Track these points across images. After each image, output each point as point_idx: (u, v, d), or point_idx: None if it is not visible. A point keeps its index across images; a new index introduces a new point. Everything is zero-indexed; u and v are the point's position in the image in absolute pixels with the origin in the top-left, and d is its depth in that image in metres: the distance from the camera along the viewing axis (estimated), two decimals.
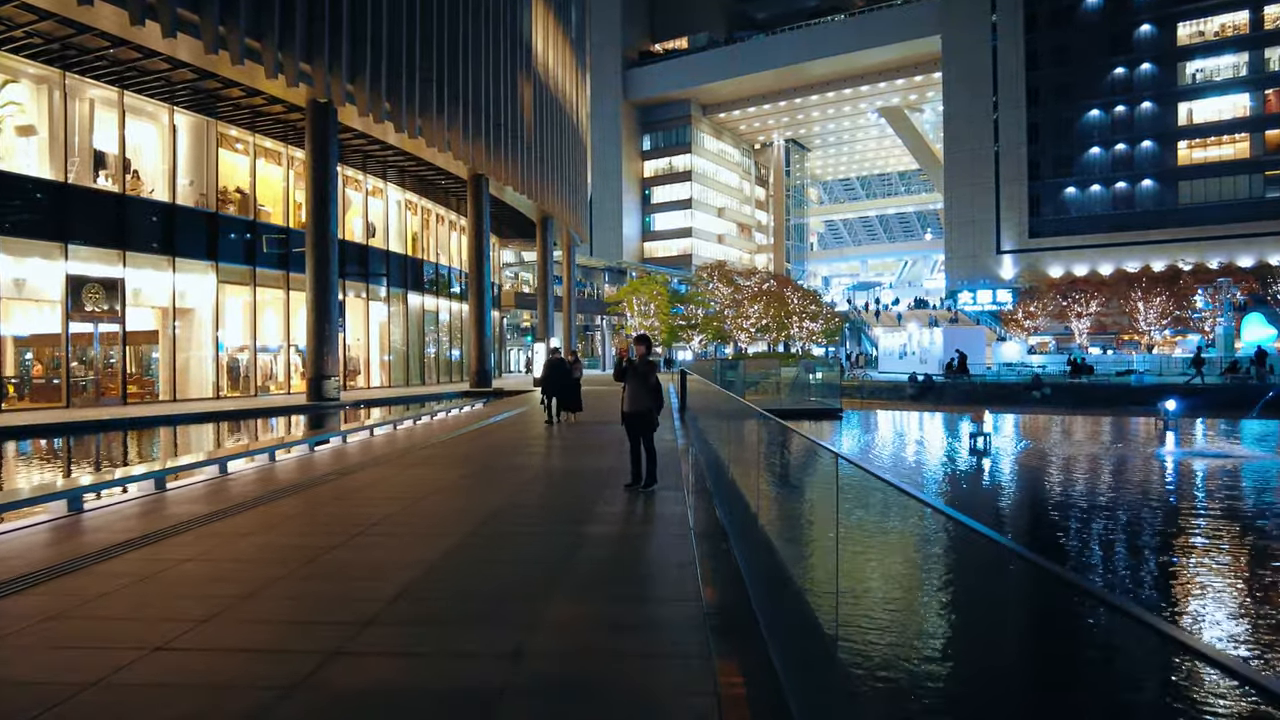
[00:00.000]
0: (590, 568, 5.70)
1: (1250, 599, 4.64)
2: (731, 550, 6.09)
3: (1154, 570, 5.34)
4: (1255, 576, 5.20)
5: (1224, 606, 4.52)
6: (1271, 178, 64.21)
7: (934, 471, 10.52)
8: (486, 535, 6.77)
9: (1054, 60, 69.81)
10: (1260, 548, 5.99)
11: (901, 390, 35.90)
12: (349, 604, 4.86)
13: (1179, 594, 4.83)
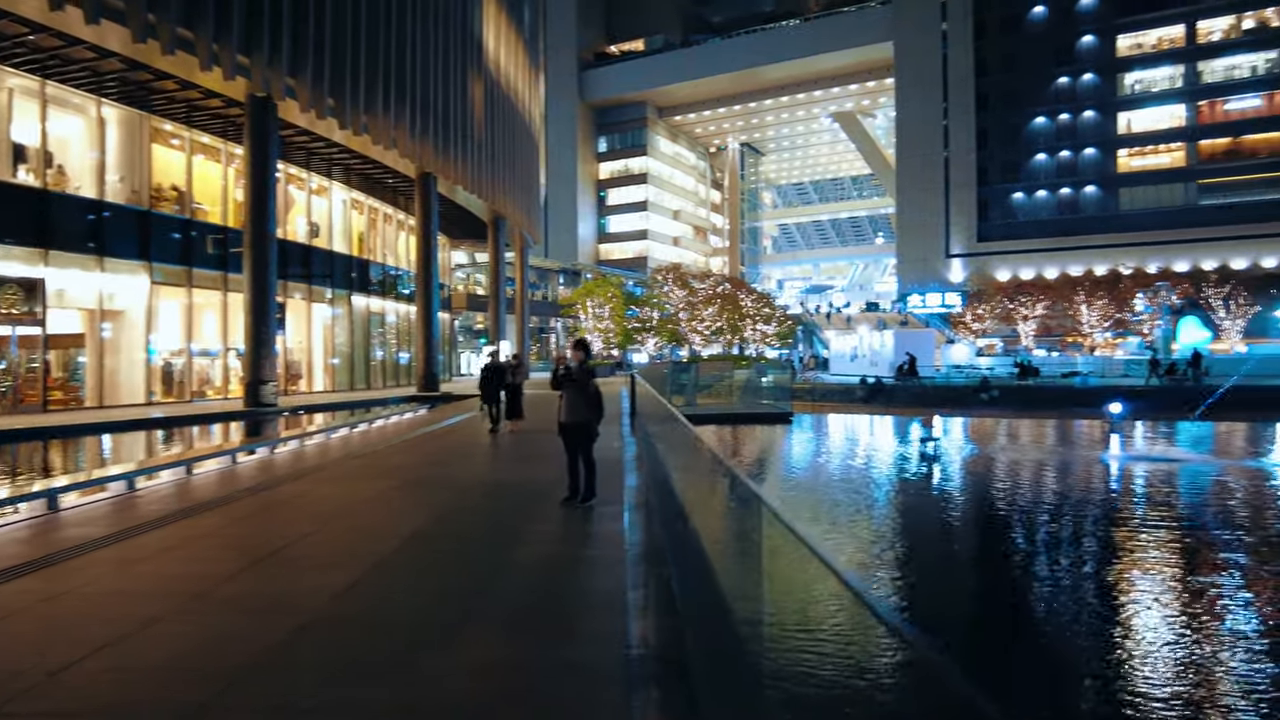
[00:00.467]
0: (509, 600, 5.24)
1: (1182, 602, 4.48)
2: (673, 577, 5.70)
3: (1091, 577, 5.16)
4: (1189, 581, 5.05)
5: (1160, 614, 4.35)
6: (1204, 186, 66.38)
7: (884, 478, 10.31)
8: (401, 561, 6.26)
9: (1002, 68, 71.24)
10: (1196, 551, 5.86)
11: (852, 393, 36.07)
12: (225, 651, 4.32)
13: (1116, 598, 4.65)
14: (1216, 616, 4.53)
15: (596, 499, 8.34)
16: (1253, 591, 5.00)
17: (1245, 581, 5.33)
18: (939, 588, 5.39)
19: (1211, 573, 5.42)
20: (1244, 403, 23.35)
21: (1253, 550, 6.01)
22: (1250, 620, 4.56)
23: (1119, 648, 3.96)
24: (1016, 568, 5.33)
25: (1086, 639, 4.10)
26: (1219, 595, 4.98)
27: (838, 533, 6.79)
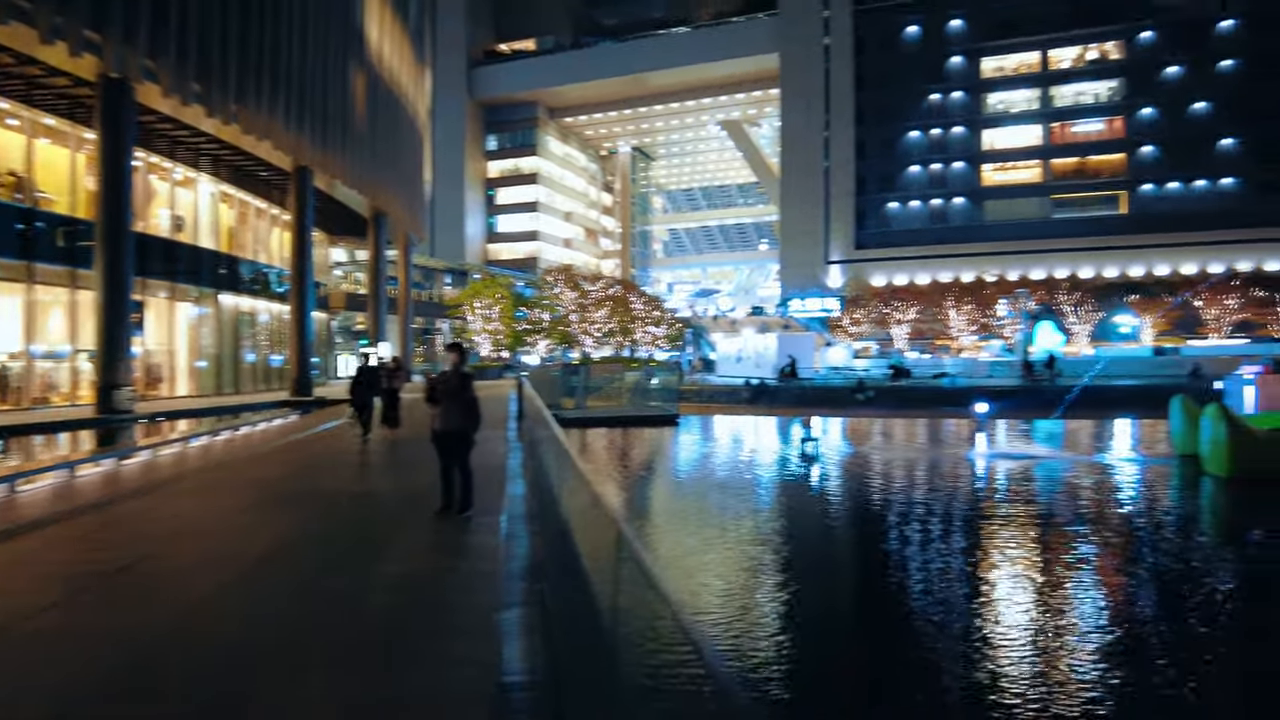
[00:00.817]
0: (368, 626, 4.84)
1: (1039, 586, 4.71)
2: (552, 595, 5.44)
3: (955, 568, 5.36)
4: (1046, 568, 5.33)
5: (1019, 597, 4.55)
6: (1057, 201, 71.80)
7: (766, 478, 10.48)
8: (247, 588, 5.69)
9: (880, 83, 74.59)
10: (1052, 539, 6.19)
11: (738, 394, 36.87)
12: (15, 702, 3.73)
13: (979, 585, 4.84)
14: (1070, 597, 4.80)
15: (474, 510, 8.05)
16: (1103, 576, 5.34)
17: (1097, 566, 5.68)
18: (816, 583, 5.46)
19: (1065, 557, 5.76)
20: (1095, 401, 25.30)
21: (1102, 537, 6.43)
22: (1102, 600, 4.85)
23: (979, 631, 4.11)
24: (890, 560, 5.49)
25: (950, 625, 4.24)
26: (1072, 578, 5.28)
27: (722, 534, 6.79)
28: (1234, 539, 6.65)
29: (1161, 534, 6.81)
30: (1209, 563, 6.01)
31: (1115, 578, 5.28)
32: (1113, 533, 6.51)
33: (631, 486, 10.16)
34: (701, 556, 5.86)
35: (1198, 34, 66.83)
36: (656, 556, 6.31)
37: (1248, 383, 11.59)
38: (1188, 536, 6.93)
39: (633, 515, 7.63)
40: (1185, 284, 62.76)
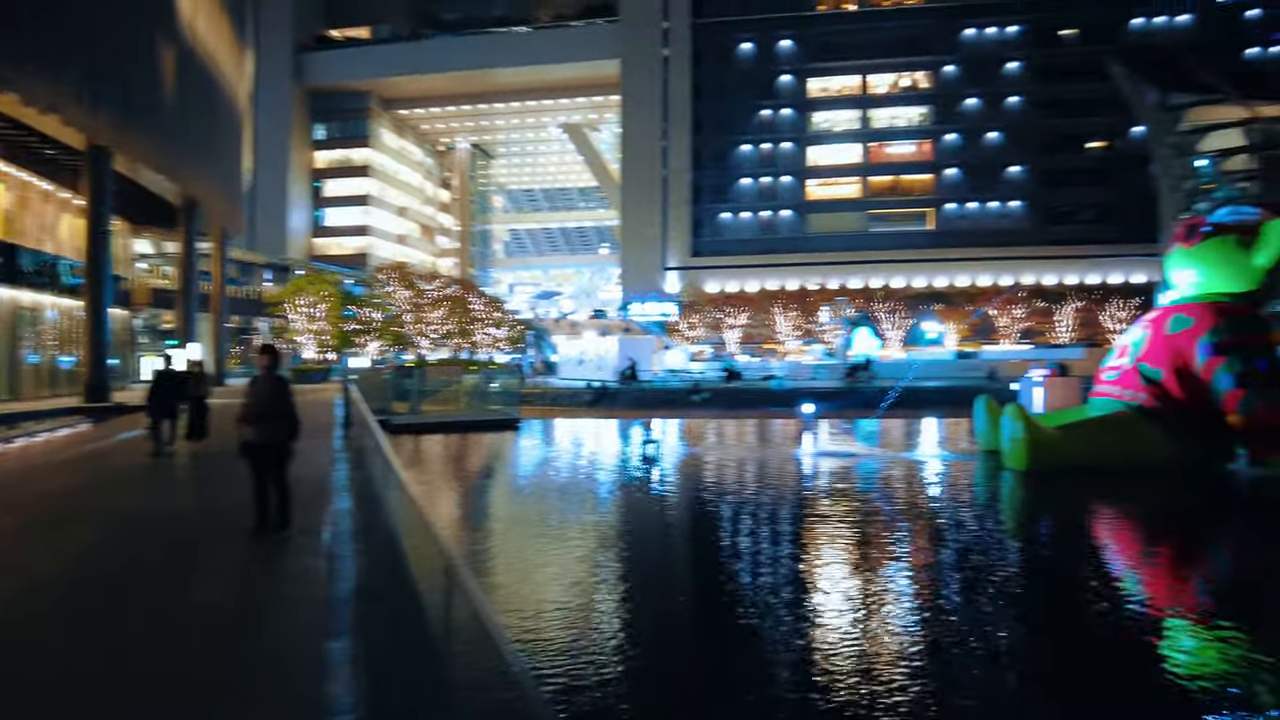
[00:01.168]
0: (163, 665, 4.21)
1: (862, 576, 4.95)
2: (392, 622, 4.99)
3: (785, 560, 5.52)
4: (870, 558, 5.61)
5: (843, 586, 4.75)
6: (874, 216, 77.55)
7: (608, 481, 10.42)
8: (14, 628, 4.79)
9: (716, 96, 77.30)
10: (875, 533, 6.55)
11: (580, 397, 36.90)
12: None
13: (807, 576, 5.01)
14: (893, 583, 5.07)
15: (293, 529, 7.39)
16: (922, 560, 5.69)
17: (917, 552, 6.05)
18: (656, 588, 5.43)
19: (889, 547, 6.09)
20: (909, 401, 27.41)
21: (919, 526, 6.87)
22: (922, 583, 5.15)
23: (811, 623, 4.24)
24: (725, 558, 5.59)
25: (782, 620, 4.36)
26: (894, 565, 5.58)
27: (562, 540, 6.63)
28: (1031, 524, 7.39)
29: (970, 522, 7.41)
30: (1008, 543, 6.61)
31: (933, 561, 5.67)
32: (929, 522, 7.02)
33: (469, 494, 9.81)
34: (541, 566, 5.69)
35: (991, 71, 74.39)
36: (493, 567, 6.08)
37: (1037, 385, 12.89)
38: (994, 522, 7.59)
39: (470, 525, 7.33)
40: (982, 295, 69.61)
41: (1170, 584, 5.05)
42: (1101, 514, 7.39)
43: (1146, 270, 67.70)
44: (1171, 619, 4.23)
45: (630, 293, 79.06)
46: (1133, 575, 5.39)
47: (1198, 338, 9.17)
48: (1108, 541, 6.50)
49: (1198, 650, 3.78)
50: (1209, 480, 9.43)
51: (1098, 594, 4.76)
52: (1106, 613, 4.53)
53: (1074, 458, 9.28)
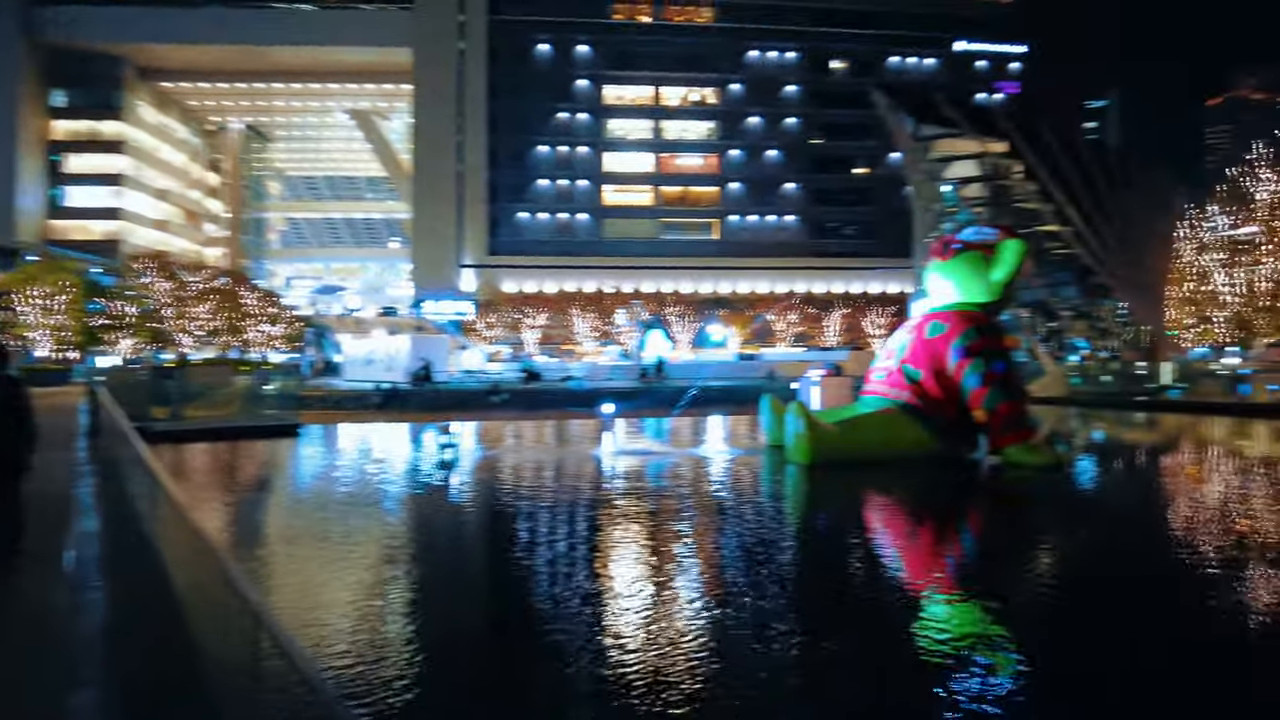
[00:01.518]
0: None
1: (661, 567, 5.12)
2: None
3: (584, 559, 5.55)
4: (669, 550, 5.79)
5: (638, 579, 4.87)
6: (666, 224, 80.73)
7: (402, 489, 9.85)
8: None
9: (513, 95, 76.65)
10: (674, 525, 6.77)
11: (368, 400, 34.96)
12: None
13: (605, 572, 5.08)
14: (691, 570, 5.26)
15: (25, 555, 6.32)
16: (717, 548, 5.95)
17: (713, 541, 6.31)
18: (453, 598, 5.25)
19: (686, 538, 6.31)
20: (701, 400, 28.73)
21: (715, 517, 7.18)
22: (717, 569, 5.38)
23: (606, 615, 4.29)
24: (522, 557, 5.52)
25: (579, 616, 4.37)
26: (692, 555, 5.79)
27: (348, 555, 6.19)
28: (814, 510, 8.05)
29: (760, 511, 7.89)
30: (795, 528, 7.13)
31: (725, 548, 5.98)
32: (723, 513, 7.38)
33: (241, 508, 8.86)
34: (323, 584, 5.27)
35: (771, 93, 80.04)
36: (274, 587, 5.56)
37: (815, 384, 13.97)
38: (781, 510, 8.15)
39: (242, 542, 6.64)
40: (761, 301, 74.70)
41: (928, 560, 5.68)
42: (873, 500, 8.19)
43: (901, 281, 75.84)
44: (927, 591, 4.78)
45: (423, 290, 76.39)
46: (896, 554, 6.02)
47: (950, 342, 10.36)
48: (877, 524, 7.22)
49: (947, 618, 4.27)
50: (959, 467, 10.69)
51: (867, 570, 5.27)
52: (870, 585, 5.03)
53: (849, 450, 10.18)
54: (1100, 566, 5.66)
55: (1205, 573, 5.26)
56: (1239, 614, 4.35)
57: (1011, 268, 10.65)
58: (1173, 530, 6.89)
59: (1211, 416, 18.77)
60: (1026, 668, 3.81)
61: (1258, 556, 5.72)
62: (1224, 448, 13.12)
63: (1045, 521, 7.62)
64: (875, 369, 11.77)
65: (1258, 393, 22.67)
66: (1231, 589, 4.86)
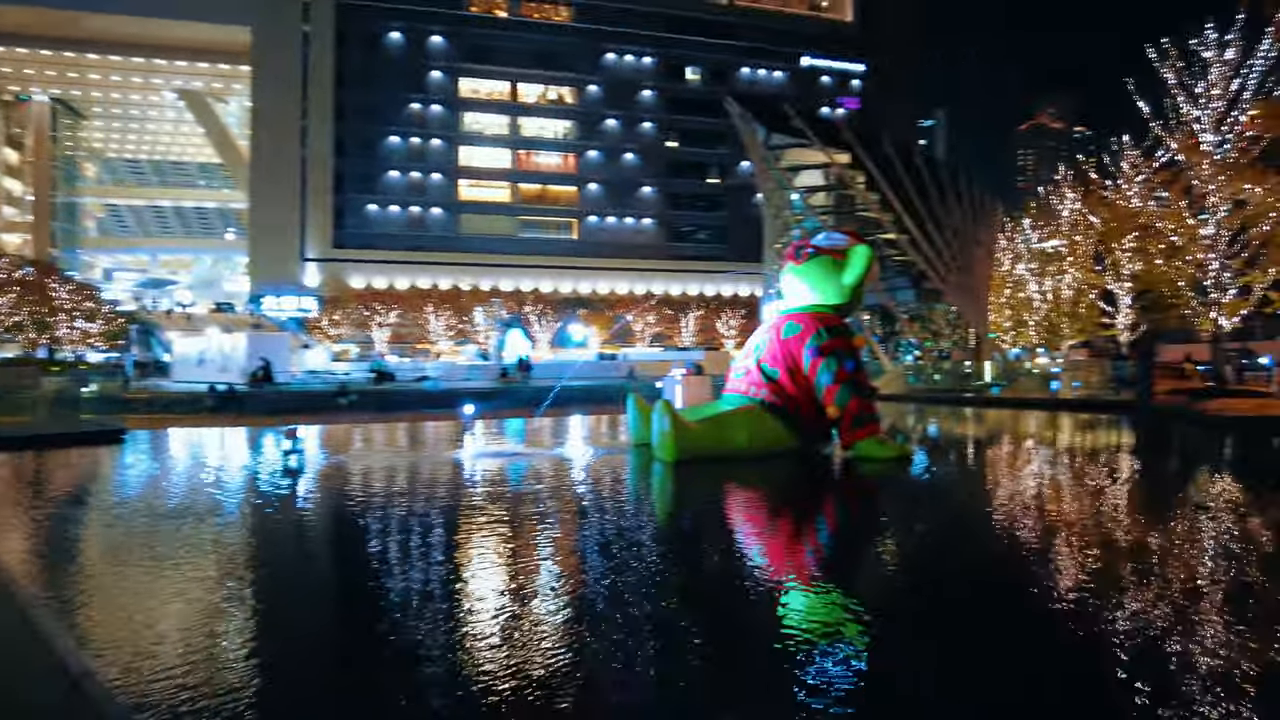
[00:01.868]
0: None
1: (524, 570, 5.03)
2: None
3: (441, 566, 5.37)
4: (534, 551, 5.70)
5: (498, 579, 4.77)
6: (524, 222, 79.88)
7: (238, 498, 9.03)
8: None
9: (362, 82, 73.37)
10: (539, 526, 6.68)
11: (201, 402, 32.34)
12: None
13: (465, 574, 4.93)
14: (554, 572, 5.18)
15: None
16: (583, 547, 5.91)
17: (579, 540, 6.27)
18: (294, 604, 4.90)
19: (553, 539, 6.22)
20: (563, 400, 28.57)
21: (584, 516, 7.12)
22: (582, 567, 5.33)
23: (459, 618, 4.15)
24: (380, 575, 5.24)
25: (435, 623, 4.20)
26: (557, 556, 5.72)
27: (178, 569, 5.64)
28: (681, 507, 8.16)
29: (628, 507, 7.91)
30: (663, 524, 7.22)
31: (592, 545, 5.96)
32: (591, 512, 7.33)
33: (52, 529, 7.82)
34: (152, 613, 4.77)
35: (628, 96, 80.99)
36: (94, 617, 4.97)
37: (677, 383, 14.20)
38: (650, 506, 8.21)
39: (55, 568, 5.89)
40: (620, 302, 75.52)
41: (786, 552, 5.91)
42: (740, 495, 8.41)
43: (752, 284, 78.80)
44: (786, 580, 4.97)
45: (262, 284, 71.80)
46: (759, 546, 6.23)
47: (804, 342, 10.78)
48: (747, 519, 7.42)
49: (806, 606, 4.45)
50: (814, 462, 11.17)
51: (732, 561, 5.41)
52: (735, 575, 5.17)
53: (713, 447, 10.41)
54: (952, 550, 6.06)
55: (1053, 550, 5.74)
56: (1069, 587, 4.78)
57: (861, 271, 11.21)
58: (1014, 512, 7.50)
59: (1029, 410, 20.64)
60: (883, 653, 4.01)
61: (1088, 530, 6.31)
62: (1040, 438, 14.44)
63: (901, 509, 8.07)
64: (735, 368, 12.09)
65: (1065, 389, 25.24)
66: (1069, 561, 5.36)
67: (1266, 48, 19.67)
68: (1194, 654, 3.42)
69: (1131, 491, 8.96)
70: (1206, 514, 6.98)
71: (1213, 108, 20.93)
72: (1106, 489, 9.10)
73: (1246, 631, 3.78)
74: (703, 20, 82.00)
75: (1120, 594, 4.46)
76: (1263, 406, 16.33)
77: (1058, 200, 34.32)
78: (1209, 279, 21.42)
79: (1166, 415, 17.42)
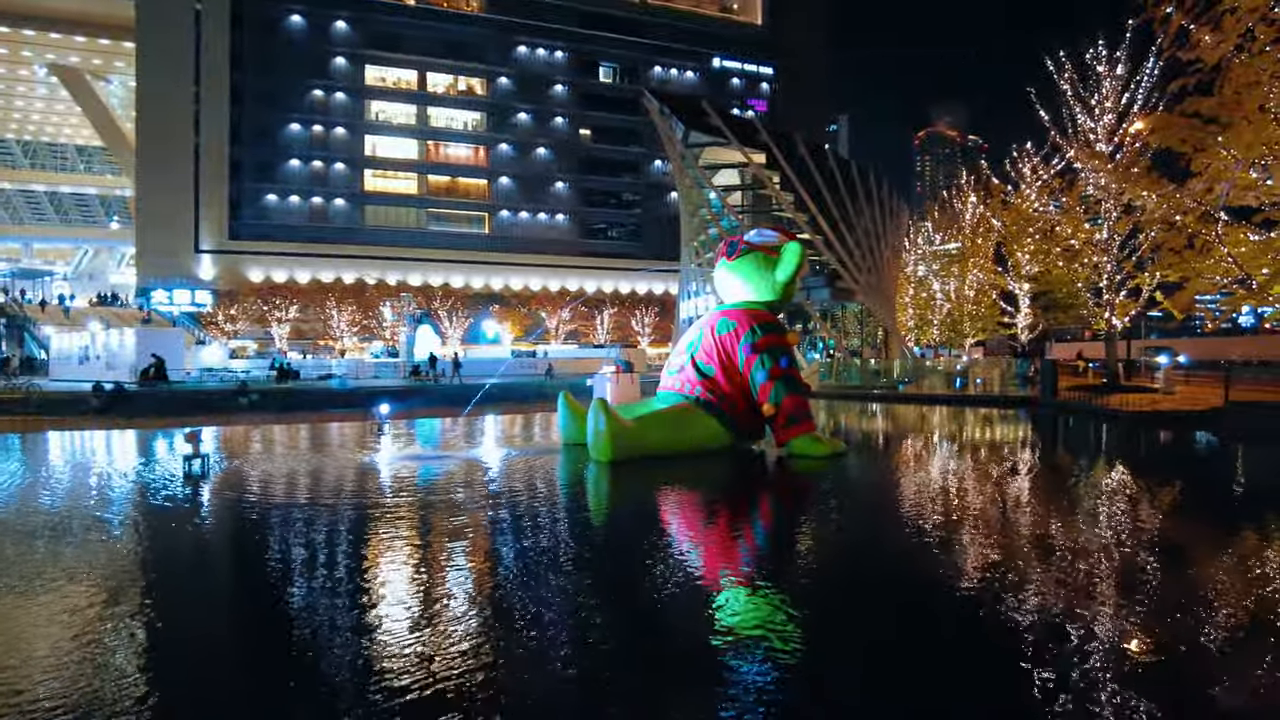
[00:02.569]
0: None
1: (448, 576, 4.77)
2: None
3: (359, 583, 5.05)
4: (462, 555, 5.43)
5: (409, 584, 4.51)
6: (433, 214, 77.78)
7: (128, 509, 8.22)
8: None
9: (260, 66, 69.94)
10: (468, 531, 6.37)
11: (85, 402, 29.99)
12: None
13: (376, 586, 4.63)
14: (482, 573, 4.94)
15: None
16: (522, 552, 5.66)
17: (513, 543, 6.01)
18: (197, 626, 4.50)
19: (484, 543, 5.94)
20: (487, 398, 27.87)
21: (515, 518, 6.84)
22: (513, 569, 5.10)
23: (379, 632, 3.89)
24: (287, 585, 4.85)
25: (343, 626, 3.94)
26: (486, 559, 5.46)
27: (61, 590, 5.04)
28: (618, 507, 7.96)
29: (567, 509, 7.67)
30: (601, 525, 7.03)
31: (529, 549, 5.71)
32: (525, 514, 7.04)
33: None
34: (26, 640, 4.23)
35: (541, 90, 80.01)
36: None
37: (608, 381, 14.00)
38: (582, 508, 7.98)
39: None
40: (534, 298, 74.62)
41: (723, 552, 5.85)
42: (676, 495, 8.28)
43: (666, 283, 79.24)
44: (722, 581, 4.92)
45: (151, 277, 67.49)
46: (695, 545, 6.14)
47: (739, 339, 10.76)
48: (675, 517, 7.30)
49: (744, 608, 4.42)
50: (747, 459, 11.15)
51: (666, 563, 5.30)
52: (670, 578, 5.07)
53: (649, 446, 10.26)
54: (887, 541, 6.17)
55: (981, 539, 5.83)
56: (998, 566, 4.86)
57: (794, 268, 11.25)
58: (947, 502, 7.67)
59: (935, 406, 21.34)
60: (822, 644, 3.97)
61: (1007, 512, 6.47)
62: (965, 433, 14.85)
63: (835, 503, 8.14)
64: (669, 365, 11.97)
65: (969, 385, 26.32)
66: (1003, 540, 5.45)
67: (1151, 65, 20.96)
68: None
69: (1068, 475, 9.44)
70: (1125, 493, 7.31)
71: (1106, 119, 22.17)
72: (1048, 476, 9.55)
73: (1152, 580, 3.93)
74: (615, 17, 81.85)
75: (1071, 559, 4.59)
76: (1155, 402, 17.34)
77: (960, 203, 35.70)
78: (1103, 281, 22.68)
79: (1071, 410, 18.34)
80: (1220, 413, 14.93)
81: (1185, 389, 21.01)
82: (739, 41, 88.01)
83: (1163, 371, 21.07)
